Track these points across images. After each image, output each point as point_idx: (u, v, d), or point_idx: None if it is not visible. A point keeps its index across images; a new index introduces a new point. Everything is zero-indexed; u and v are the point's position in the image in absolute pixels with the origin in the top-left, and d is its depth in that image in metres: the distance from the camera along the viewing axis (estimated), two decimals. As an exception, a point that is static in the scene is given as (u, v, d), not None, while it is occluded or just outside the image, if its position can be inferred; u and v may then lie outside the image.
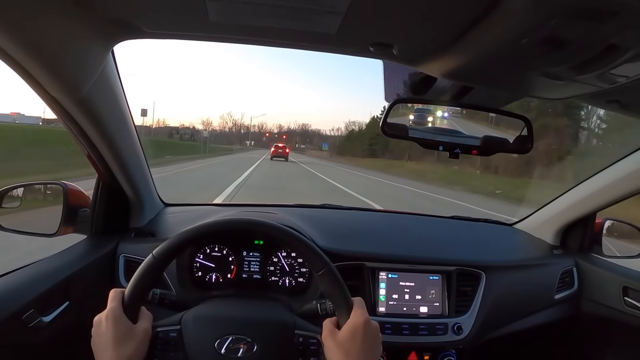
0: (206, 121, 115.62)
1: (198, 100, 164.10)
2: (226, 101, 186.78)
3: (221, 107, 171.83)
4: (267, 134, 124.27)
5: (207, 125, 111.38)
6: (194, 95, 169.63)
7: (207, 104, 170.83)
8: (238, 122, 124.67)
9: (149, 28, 0.74)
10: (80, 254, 1.13)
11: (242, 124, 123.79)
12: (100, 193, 1.21)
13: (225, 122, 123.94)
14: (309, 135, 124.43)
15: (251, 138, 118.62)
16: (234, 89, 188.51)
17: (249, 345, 0.78)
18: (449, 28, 0.62)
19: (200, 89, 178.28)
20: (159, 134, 70.12)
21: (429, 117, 1.01)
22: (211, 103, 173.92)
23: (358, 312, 0.77)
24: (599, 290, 1.48)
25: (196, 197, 8.11)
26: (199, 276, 1.25)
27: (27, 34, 0.64)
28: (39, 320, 0.90)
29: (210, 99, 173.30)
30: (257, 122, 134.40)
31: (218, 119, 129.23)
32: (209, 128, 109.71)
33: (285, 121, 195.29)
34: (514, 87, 0.85)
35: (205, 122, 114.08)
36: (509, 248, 1.60)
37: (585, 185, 1.47)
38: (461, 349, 1.24)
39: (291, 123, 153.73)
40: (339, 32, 0.67)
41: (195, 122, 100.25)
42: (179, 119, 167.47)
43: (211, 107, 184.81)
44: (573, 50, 0.57)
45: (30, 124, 36.18)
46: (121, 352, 0.73)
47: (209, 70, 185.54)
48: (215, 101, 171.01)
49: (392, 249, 1.33)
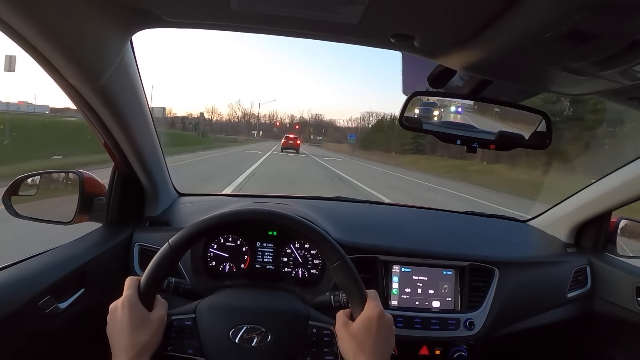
0: (212, 109, 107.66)
1: (207, 90, 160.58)
2: (236, 91, 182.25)
3: (231, 97, 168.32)
4: (277, 124, 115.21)
5: (213, 114, 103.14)
6: (204, 84, 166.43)
7: (217, 94, 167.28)
8: (248, 112, 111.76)
9: (169, 16, 0.74)
10: (95, 242, 1.14)
11: (252, 114, 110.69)
12: (116, 182, 1.22)
13: (234, 111, 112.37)
14: (323, 126, 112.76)
15: (260, 128, 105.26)
16: (245, 79, 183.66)
17: (262, 335, 0.79)
18: (472, 20, 0.62)
19: (210, 79, 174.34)
20: (161, 124, 68.07)
21: (435, 112, 1.00)
22: (221, 93, 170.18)
23: (372, 304, 0.77)
24: (612, 290, 1.47)
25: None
26: (212, 266, 1.26)
27: (48, 22, 0.64)
28: (55, 306, 0.91)
29: (220, 88, 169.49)
30: (267, 112, 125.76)
31: (227, 108, 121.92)
32: (215, 118, 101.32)
33: (297, 111, 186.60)
34: (534, 82, 0.84)
35: (211, 110, 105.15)
36: (522, 245, 1.59)
37: (601, 184, 1.45)
38: (472, 345, 1.23)
39: (304, 113, 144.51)
40: (361, 23, 0.67)
41: (203, 112, 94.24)
42: (188, 109, 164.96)
43: (220, 97, 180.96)
44: (596, 45, 0.57)
45: (39, 113, 35.98)
46: (136, 339, 0.73)
47: (218, 59, 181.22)
48: (225, 91, 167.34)
49: (405, 242, 1.33)
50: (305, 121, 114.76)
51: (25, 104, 48.21)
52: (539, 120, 0.96)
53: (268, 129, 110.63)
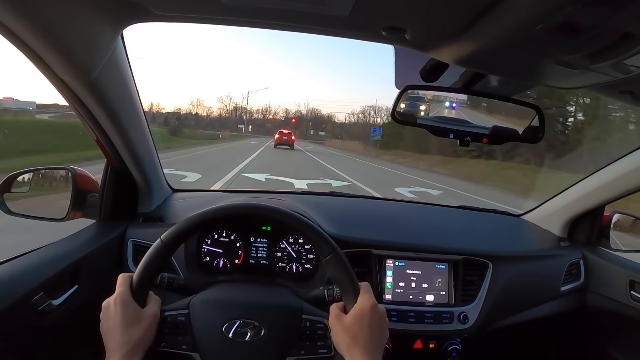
0: (197, 103, 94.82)
1: (197, 84, 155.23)
2: (228, 85, 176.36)
3: (222, 90, 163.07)
4: (270, 117, 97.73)
5: (199, 108, 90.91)
6: (193, 79, 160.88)
7: (207, 88, 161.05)
8: (239, 105, 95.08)
9: (159, 10, 0.74)
10: (89, 238, 1.14)
11: (243, 108, 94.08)
12: (109, 178, 1.22)
13: (225, 105, 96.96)
14: (322, 120, 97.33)
15: (251, 123, 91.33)
16: (236, 72, 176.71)
17: (256, 330, 0.79)
18: (464, 12, 0.61)
19: (200, 73, 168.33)
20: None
21: (422, 106, 1.00)
22: (212, 87, 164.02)
23: (365, 297, 0.78)
24: (605, 284, 1.48)
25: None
26: (206, 261, 1.26)
27: (37, 16, 0.63)
28: (48, 303, 0.90)
29: (210, 82, 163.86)
30: (260, 106, 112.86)
31: (217, 102, 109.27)
32: (205, 112, 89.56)
33: (293, 104, 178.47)
34: (527, 75, 0.84)
35: (196, 104, 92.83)
36: (516, 239, 1.60)
37: (594, 178, 1.46)
38: (466, 338, 1.24)
39: (300, 106, 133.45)
40: (352, 15, 0.67)
41: (190, 107, 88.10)
42: (176, 104, 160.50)
43: (211, 91, 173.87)
44: (588, 37, 0.57)
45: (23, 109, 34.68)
46: (129, 335, 0.74)
47: (208, 52, 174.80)
48: (216, 85, 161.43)
49: (399, 237, 1.33)
50: (302, 115, 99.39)
51: (10, 99, 46.96)
52: (532, 114, 0.97)
53: (260, 124, 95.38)
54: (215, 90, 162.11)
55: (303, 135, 78.20)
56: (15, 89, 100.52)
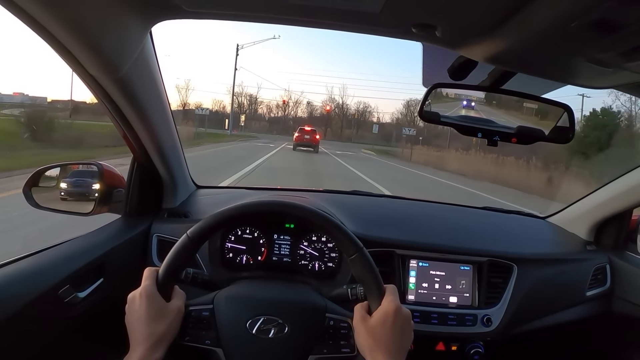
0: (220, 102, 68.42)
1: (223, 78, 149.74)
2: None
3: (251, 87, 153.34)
4: (284, 101, 60.98)
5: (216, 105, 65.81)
6: (220, 73, 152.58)
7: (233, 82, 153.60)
8: (254, 96, 62.66)
9: (189, 7, 0.74)
10: (114, 232, 1.15)
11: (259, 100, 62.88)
12: (135, 173, 1.23)
13: (237, 99, 76.75)
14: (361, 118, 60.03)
15: (249, 115, 58.40)
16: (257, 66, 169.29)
17: (280, 327, 0.79)
18: (495, 9, 0.60)
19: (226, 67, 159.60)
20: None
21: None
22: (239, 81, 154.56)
23: (390, 299, 0.77)
24: (631, 289, 1.44)
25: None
26: (230, 257, 1.26)
27: (69, 12, 0.65)
28: (74, 295, 0.92)
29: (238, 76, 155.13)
30: (269, 97, 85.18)
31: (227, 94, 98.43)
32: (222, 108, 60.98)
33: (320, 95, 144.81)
34: (558, 74, 0.83)
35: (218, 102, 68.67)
36: (541, 241, 1.57)
37: (622, 181, 1.43)
38: (489, 341, 1.22)
39: (334, 92, 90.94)
40: (383, 12, 0.66)
41: (205, 103, 76.14)
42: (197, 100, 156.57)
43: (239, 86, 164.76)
44: (623, 35, 0.55)
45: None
46: (154, 328, 0.74)
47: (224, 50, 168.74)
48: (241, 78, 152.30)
49: (423, 237, 1.31)
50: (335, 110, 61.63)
51: (20, 95, 46.79)
52: (561, 113, 0.94)
53: (275, 120, 62.57)
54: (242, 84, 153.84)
55: (335, 135, 55.86)
56: (21, 85, 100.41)
